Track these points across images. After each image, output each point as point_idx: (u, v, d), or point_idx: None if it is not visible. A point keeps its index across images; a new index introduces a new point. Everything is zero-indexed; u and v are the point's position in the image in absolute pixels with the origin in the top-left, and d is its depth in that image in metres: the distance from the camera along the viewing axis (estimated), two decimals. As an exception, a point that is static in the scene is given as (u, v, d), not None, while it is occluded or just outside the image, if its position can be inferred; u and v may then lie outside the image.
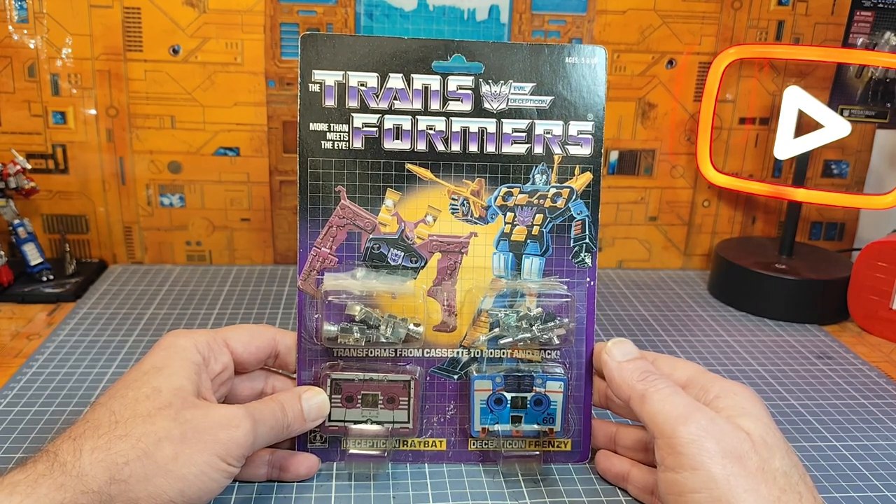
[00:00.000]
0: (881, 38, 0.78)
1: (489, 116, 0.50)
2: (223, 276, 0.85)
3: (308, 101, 0.49)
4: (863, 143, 0.92)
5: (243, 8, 0.81)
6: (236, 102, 0.84)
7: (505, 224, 0.51)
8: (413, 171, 0.51)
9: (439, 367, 0.52)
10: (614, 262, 0.94)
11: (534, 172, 0.51)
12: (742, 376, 0.67)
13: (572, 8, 0.84)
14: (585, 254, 0.52)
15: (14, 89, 0.81)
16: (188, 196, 0.87)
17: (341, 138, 0.50)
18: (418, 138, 0.50)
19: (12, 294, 0.77)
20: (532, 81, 0.50)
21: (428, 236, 0.51)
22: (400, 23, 0.83)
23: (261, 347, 0.50)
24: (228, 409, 0.44)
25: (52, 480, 0.37)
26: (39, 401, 0.58)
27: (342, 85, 0.49)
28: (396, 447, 0.51)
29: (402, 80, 0.50)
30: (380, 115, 0.50)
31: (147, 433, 0.40)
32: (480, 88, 0.50)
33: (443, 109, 0.50)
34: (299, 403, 0.48)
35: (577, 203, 0.51)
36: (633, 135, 0.89)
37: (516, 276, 0.52)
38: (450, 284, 0.51)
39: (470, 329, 0.51)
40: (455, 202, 0.51)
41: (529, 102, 0.51)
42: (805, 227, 0.95)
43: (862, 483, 0.52)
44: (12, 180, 0.77)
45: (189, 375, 0.44)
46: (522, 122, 0.51)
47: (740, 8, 0.86)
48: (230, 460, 0.42)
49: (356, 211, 0.51)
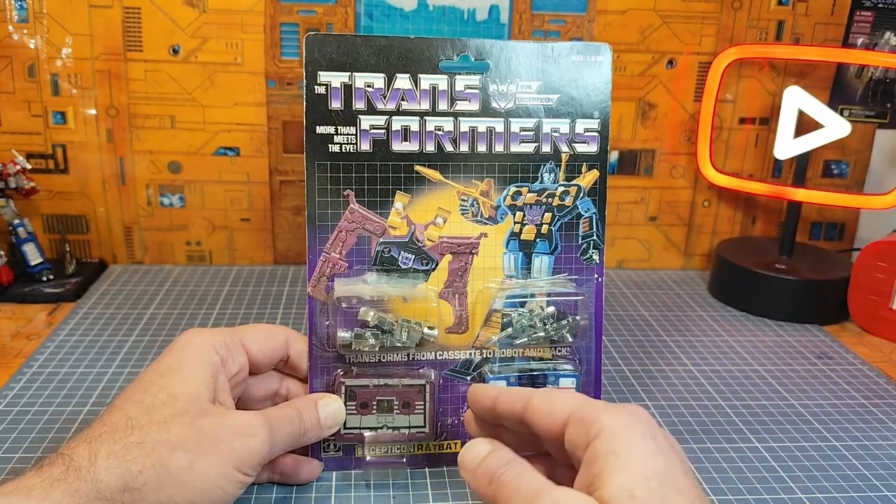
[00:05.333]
0: (881, 38, 0.78)
1: (497, 116, 0.50)
2: (223, 277, 0.85)
3: (314, 104, 0.48)
4: (863, 143, 0.92)
5: (243, 8, 0.81)
6: (236, 102, 0.84)
7: (515, 223, 0.51)
8: (422, 173, 0.50)
9: (452, 370, 0.51)
10: (614, 262, 0.94)
11: (542, 171, 0.51)
12: (742, 376, 0.67)
13: (572, 8, 0.84)
14: (593, 251, 0.52)
15: (14, 89, 0.81)
16: (188, 196, 0.87)
17: (349, 141, 0.49)
18: (427, 139, 0.50)
19: (12, 294, 0.77)
20: (538, 80, 0.50)
21: (438, 238, 0.51)
22: (400, 23, 0.83)
23: (276, 349, 0.50)
24: (245, 417, 0.43)
25: (67, 485, 0.37)
26: (39, 401, 0.58)
27: (348, 86, 0.49)
28: (412, 452, 0.51)
29: (409, 80, 0.49)
30: (387, 117, 0.49)
31: (162, 441, 0.40)
32: (488, 88, 0.50)
33: (451, 109, 0.50)
34: (316, 410, 0.47)
35: (585, 201, 0.52)
36: (633, 135, 0.89)
37: (526, 274, 0.52)
38: (461, 286, 0.51)
39: (482, 330, 0.51)
40: (465, 203, 0.51)
41: (536, 101, 0.51)
42: (805, 227, 0.95)
43: (862, 483, 0.52)
44: (12, 180, 0.77)
45: (205, 380, 0.44)
46: (530, 120, 0.51)
47: (740, 8, 0.86)
48: (245, 469, 0.42)
49: (365, 215, 0.50)
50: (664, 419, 0.59)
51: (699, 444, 0.56)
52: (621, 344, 0.72)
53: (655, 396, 0.62)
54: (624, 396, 0.62)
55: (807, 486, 0.51)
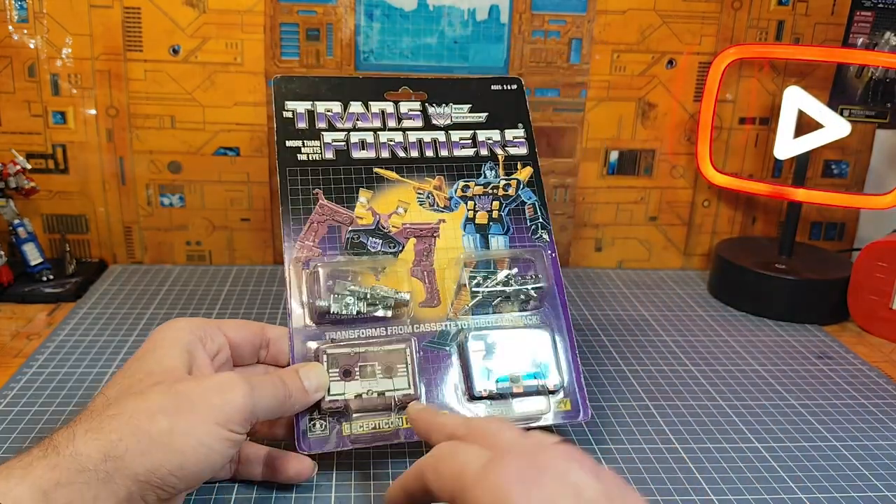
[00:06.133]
0: (881, 38, 0.78)
1: (438, 129, 0.61)
2: (223, 276, 0.85)
3: (283, 125, 0.58)
4: (863, 143, 0.92)
5: (243, 8, 0.81)
6: (236, 102, 0.84)
7: (468, 211, 0.59)
8: (380, 174, 0.58)
9: (431, 341, 0.54)
10: (614, 262, 0.94)
11: (484, 168, 0.60)
12: (742, 376, 0.67)
13: (572, 8, 0.84)
14: (542, 231, 0.59)
15: (14, 89, 0.81)
16: (188, 196, 0.87)
17: (314, 151, 0.58)
18: (381, 148, 0.59)
19: (12, 294, 0.77)
20: (468, 103, 0.62)
21: (402, 225, 0.57)
22: (400, 23, 0.83)
23: (252, 333, 0.51)
24: (222, 375, 0.43)
25: (47, 461, 0.37)
26: (39, 401, 0.58)
27: (311, 112, 0.59)
28: (401, 426, 0.51)
29: (361, 105, 0.60)
30: (346, 132, 0.59)
31: (139, 409, 0.40)
32: (427, 110, 0.61)
33: (399, 126, 0.60)
34: (298, 376, 0.47)
35: (525, 191, 0.60)
36: (633, 135, 0.89)
37: (487, 253, 0.58)
38: (428, 265, 0.57)
39: (455, 301, 0.55)
40: (421, 195, 0.58)
41: (469, 118, 0.62)
42: (805, 227, 0.95)
43: (862, 483, 0.52)
44: (12, 180, 0.77)
45: (181, 355, 0.44)
46: (467, 131, 0.61)
47: (740, 8, 0.86)
48: (231, 426, 0.41)
49: (334, 208, 0.56)
50: (664, 419, 0.59)
51: (699, 444, 0.56)
52: (621, 344, 0.72)
53: (655, 396, 0.62)
54: (624, 396, 0.62)
55: (807, 486, 0.51)
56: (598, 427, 0.57)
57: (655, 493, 0.50)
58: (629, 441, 0.56)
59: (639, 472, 0.52)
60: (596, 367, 0.67)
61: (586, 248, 0.93)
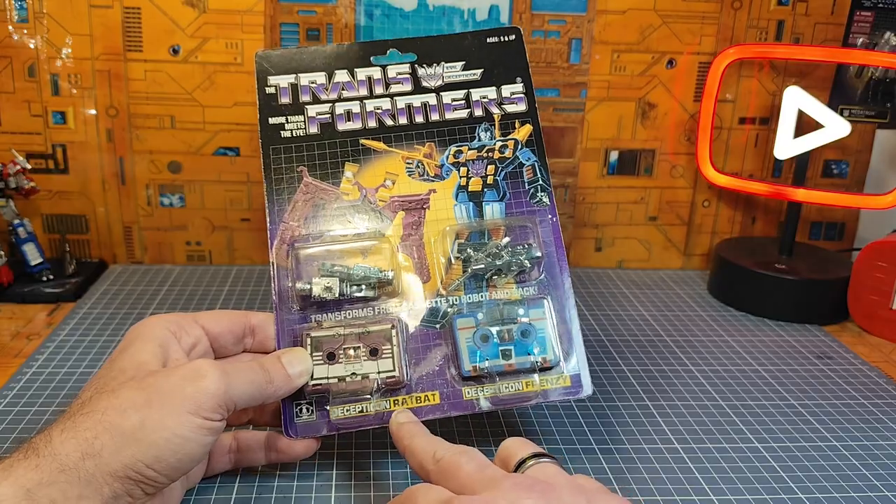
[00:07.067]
0: (881, 38, 0.78)
1: (428, 92, 0.57)
2: (223, 276, 0.85)
3: (266, 102, 0.56)
4: (863, 143, 0.92)
5: (243, 8, 0.81)
6: (236, 102, 0.84)
7: (460, 178, 0.56)
8: (367, 145, 0.56)
9: (421, 320, 0.52)
10: (614, 262, 0.94)
11: (478, 130, 0.57)
12: (742, 376, 0.67)
13: (572, 8, 0.84)
14: (542, 193, 0.55)
15: (14, 89, 0.81)
16: (188, 196, 0.87)
17: (298, 127, 0.56)
18: (368, 118, 0.56)
19: (12, 294, 0.77)
20: (462, 60, 0.57)
21: (389, 198, 0.55)
22: (400, 23, 0.83)
23: (233, 321, 0.50)
24: (192, 363, 0.43)
25: (27, 462, 0.37)
26: (39, 401, 0.58)
27: (294, 85, 0.56)
28: (387, 408, 0.50)
29: (347, 74, 0.57)
30: (331, 104, 0.56)
31: (111, 406, 0.40)
32: (417, 72, 0.57)
33: (386, 92, 0.57)
34: (280, 362, 0.47)
35: (524, 151, 0.56)
36: (633, 135, 0.89)
37: (480, 222, 0.55)
38: (417, 239, 0.54)
39: (445, 276, 0.53)
40: (410, 165, 0.56)
41: (462, 77, 0.57)
42: (805, 227, 0.95)
43: (862, 483, 0.52)
44: (12, 180, 0.77)
45: (153, 350, 0.44)
46: (459, 91, 0.57)
47: (740, 8, 0.86)
48: (204, 413, 0.41)
49: (319, 185, 0.55)
50: (664, 419, 0.59)
51: (699, 444, 0.56)
52: (621, 344, 0.72)
53: (655, 396, 0.62)
54: (624, 396, 0.62)
55: (807, 486, 0.51)
56: (598, 427, 0.57)
57: (655, 493, 0.50)
58: (629, 441, 0.56)
59: (639, 472, 0.52)
60: (596, 367, 0.67)
61: (586, 248, 0.93)
